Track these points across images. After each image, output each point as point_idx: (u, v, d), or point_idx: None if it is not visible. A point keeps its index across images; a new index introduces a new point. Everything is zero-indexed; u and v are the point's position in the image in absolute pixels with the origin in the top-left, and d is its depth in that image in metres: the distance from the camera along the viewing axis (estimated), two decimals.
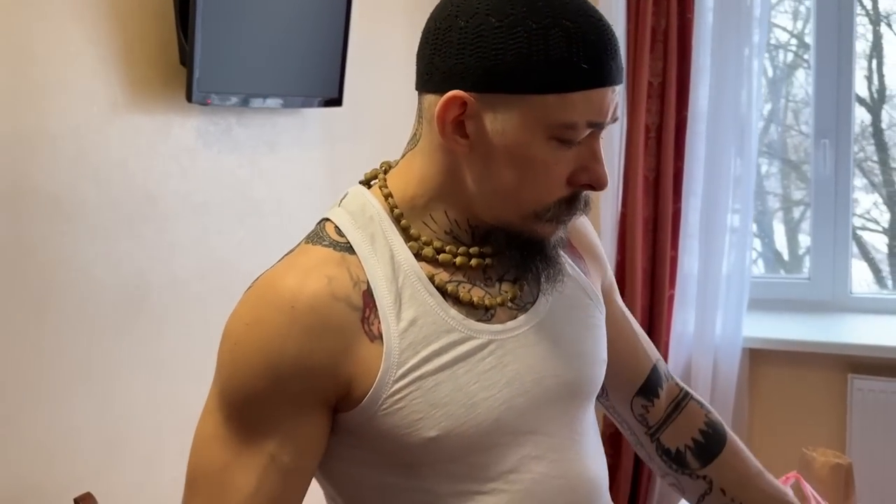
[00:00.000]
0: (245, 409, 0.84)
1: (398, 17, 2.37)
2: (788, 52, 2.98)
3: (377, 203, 0.92)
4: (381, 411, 0.84)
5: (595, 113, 0.83)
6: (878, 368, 2.43)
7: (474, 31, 0.81)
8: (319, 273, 0.85)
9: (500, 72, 0.81)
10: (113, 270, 1.55)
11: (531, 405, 0.90)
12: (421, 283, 0.88)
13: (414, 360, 0.85)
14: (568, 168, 0.85)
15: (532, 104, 0.81)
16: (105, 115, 1.53)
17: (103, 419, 1.54)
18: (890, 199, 2.79)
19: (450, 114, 0.84)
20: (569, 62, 0.80)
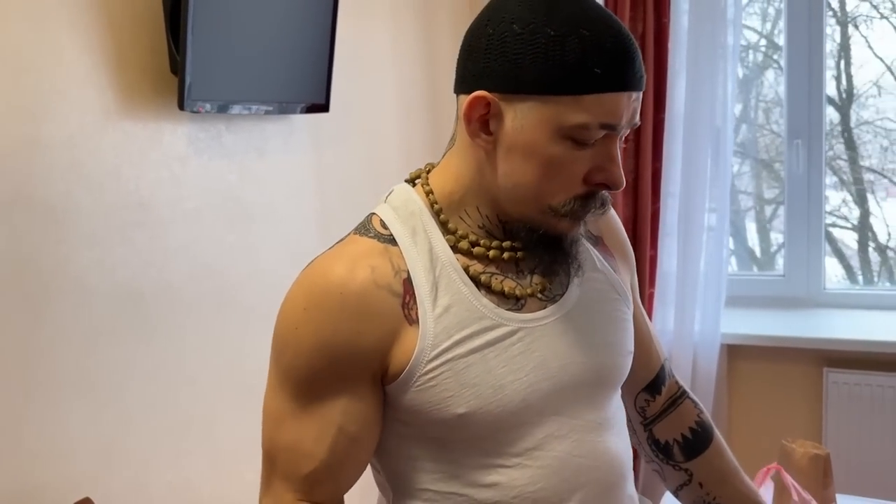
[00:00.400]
0: (309, 386, 0.93)
1: (384, 23, 2.40)
2: (758, 53, 3.05)
3: (419, 199, 0.99)
4: (415, 387, 0.92)
5: (607, 115, 0.88)
6: (851, 362, 2.50)
7: (500, 37, 0.88)
8: (364, 263, 0.93)
9: (520, 74, 0.88)
10: (107, 277, 1.56)
11: (556, 389, 0.97)
12: (456, 273, 0.95)
13: (447, 343, 0.92)
14: (584, 167, 0.91)
15: (548, 105, 0.88)
16: (98, 124, 1.54)
17: (99, 424, 1.55)
18: (859, 196, 2.87)
19: (475, 112, 0.91)
20: (582, 67, 0.86)
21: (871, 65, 2.79)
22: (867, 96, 2.82)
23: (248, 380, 1.89)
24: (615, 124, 0.89)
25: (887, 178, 2.84)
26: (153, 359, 1.65)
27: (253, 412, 1.91)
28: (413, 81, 2.55)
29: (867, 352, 2.46)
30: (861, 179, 2.85)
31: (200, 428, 1.76)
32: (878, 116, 2.81)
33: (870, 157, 2.85)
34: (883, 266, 2.89)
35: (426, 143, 2.62)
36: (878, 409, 2.44)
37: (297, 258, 2.04)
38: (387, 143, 2.44)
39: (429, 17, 2.61)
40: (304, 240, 2.09)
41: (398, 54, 2.46)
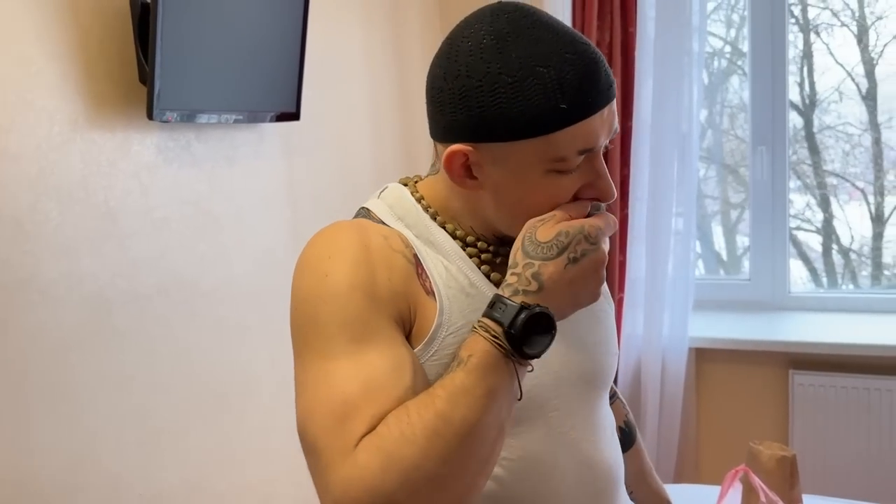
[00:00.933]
0: (359, 328, 0.87)
1: (355, 31, 2.40)
2: (723, 60, 3.09)
3: (411, 199, 0.99)
4: (432, 360, 0.91)
5: (583, 142, 0.88)
6: (817, 364, 2.54)
7: (459, 91, 0.88)
8: (375, 231, 0.93)
9: (487, 125, 0.87)
10: (75, 287, 1.55)
11: (557, 385, 0.98)
12: (464, 261, 0.96)
13: (460, 323, 0.92)
14: (574, 187, 0.92)
15: (522, 149, 0.88)
16: (66, 134, 1.53)
17: (69, 437, 1.53)
18: (822, 200, 2.92)
19: (455, 163, 0.91)
20: (546, 107, 0.85)
21: (833, 71, 2.84)
22: (829, 102, 2.87)
23: (219, 390, 1.88)
24: (593, 146, 0.89)
25: (849, 181, 2.90)
26: (123, 370, 1.64)
27: (225, 423, 1.91)
28: (384, 90, 2.55)
29: (832, 354, 2.50)
30: (825, 184, 2.91)
31: (171, 439, 1.75)
32: (840, 122, 2.87)
33: (833, 162, 2.90)
34: (847, 269, 2.94)
35: (397, 152, 2.63)
36: (842, 409, 2.49)
37: (268, 267, 2.05)
38: (358, 151, 2.44)
39: (399, 26, 2.61)
40: (276, 248, 2.09)
41: (369, 63, 2.47)
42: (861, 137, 2.84)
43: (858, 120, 2.83)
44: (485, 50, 0.86)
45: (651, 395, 2.66)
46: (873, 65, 2.77)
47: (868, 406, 2.46)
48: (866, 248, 2.90)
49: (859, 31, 2.79)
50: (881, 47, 2.76)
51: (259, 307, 2.01)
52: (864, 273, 2.91)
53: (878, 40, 2.76)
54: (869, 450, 2.47)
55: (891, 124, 2.79)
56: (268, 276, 2.05)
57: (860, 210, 2.89)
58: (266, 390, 2.02)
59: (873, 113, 2.79)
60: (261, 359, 2.01)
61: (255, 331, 1.99)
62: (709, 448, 2.73)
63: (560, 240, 0.88)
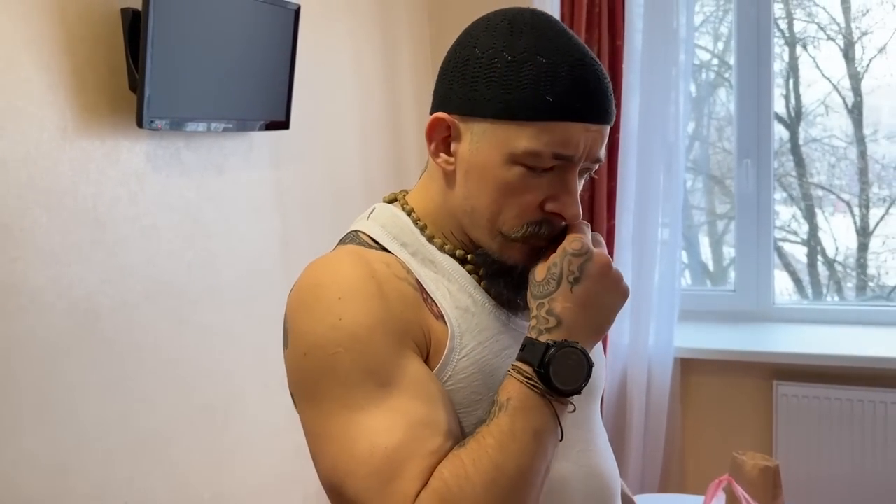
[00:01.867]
0: (385, 372, 0.84)
1: (345, 41, 2.41)
2: (710, 72, 3.12)
3: (404, 216, 0.99)
4: (447, 385, 0.90)
5: (559, 145, 0.88)
6: (800, 374, 2.56)
7: (463, 61, 0.91)
8: (376, 259, 0.92)
9: (476, 98, 0.89)
10: (63, 295, 1.55)
11: None
12: (465, 279, 0.96)
13: (472, 344, 0.92)
14: (540, 194, 0.91)
15: (501, 129, 0.89)
16: (55, 141, 1.53)
17: (54, 444, 1.53)
18: (808, 212, 2.95)
19: (437, 133, 0.93)
20: (533, 93, 0.87)
21: (819, 84, 2.87)
22: (815, 115, 2.90)
23: (206, 398, 1.89)
24: (569, 155, 0.89)
25: (835, 193, 2.93)
26: (109, 377, 1.64)
27: (211, 431, 1.92)
28: (373, 99, 2.56)
29: (816, 365, 2.52)
30: (810, 196, 2.93)
31: (158, 446, 1.75)
32: (826, 134, 2.90)
33: (818, 174, 2.93)
34: (832, 280, 2.97)
35: (387, 161, 2.64)
36: (826, 420, 2.51)
37: (256, 275, 2.05)
38: (347, 160, 2.45)
39: (389, 36, 2.63)
40: (264, 257, 2.10)
41: (359, 72, 2.48)
42: (846, 150, 2.87)
43: (844, 133, 2.86)
44: (498, 30, 0.90)
45: (636, 404, 2.68)
46: (859, 79, 2.80)
47: (851, 417, 2.48)
48: (851, 260, 2.93)
49: (846, 45, 2.82)
50: (867, 61, 2.79)
51: (247, 316, 2.01)
52: (850, 285, 2.93)
53: (864, 54, 2.80)
54: (852, 460, 2.48)
55: (875, 137, 2.82)
56: (256, 284, 2.05)
57: (845, 222, 2.92)
58: (252, 399, 2.02)
59: (859, 126, 2.82)
60: (247, 367, 2.01)
61: (242, 339, 2.00)
62: (693, 458, 2.75)
63: (553, 271, 0.89)
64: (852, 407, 2.48)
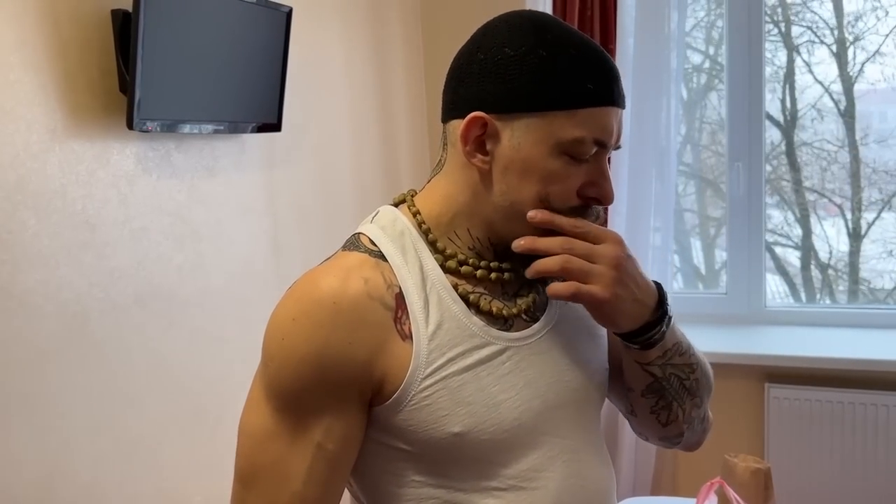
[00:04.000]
0: (293, 400, 0.90)
1: (337, 43, 2.41)
2: (703, 75, 3.13)
3: (406, 219, 0.99)
4: (409, 406, 0.91)
5: (600, 130, 0.92)
6: (792, 377, 2.57)
7: (493, 61, 0.92)
8: (357, 274, 0.92)
9: (515, 94, 0.91)
10: (52, 297, 1.54)
11: (547, 408, 0.98)
12: (446, 291, 0.96)
13: (441, 361, 0.92)
14: (578, 182, 0.94)
15: (544, 121, 0.91)
16: (44, 143, 1.53)
17: (43, 447, 1.52)
18: (802, 215, 2.95)
19: (472, 132, 0.93)
20: (576, 83, 0.91)
21: (813, 88, 2.88)
22: (809, 119, 2.91)
23: (196, 402, 1.88)
24: (607, 141, 0.93)
25: (827, 197, 2.93)
26: (99, 381, 1.63)
27: (201, 435, 1.91)
28: (366, 102, 2.56)
29: (807, 367, 2.52)
30: (803, 199, 2.94)
31: (147, 451, 1.74)
32: (817, 138, 2.91)
33: (810, 178, 2.94)
34: (824, 284, 2.97)
35: (379, 163, 2.63)
36: (817, 423, 2.51)
37: (247, 278, 2.05)
38: (340, 163, 2.45)
39: (381, 38, 2.63)
40: (255, 260, 2.09)
41: (351, 74, 2.48)
42: (838, 154, 2.87)
43: (835, 137, 2.87)
44: (523, 29, 0.93)
45: None
46: (851, 83, 2.81)
47: (843, 419, 2.49)
48: (841, 264, 2.93)
49: (838, 49, 2.83)
50: (860, 65, 2.80)
51: (237, 318, 2.00)
52: (842, 288, 2.94)
53: (856, 58, 2.80)
54: (843, 463, 2.49)
55: (866, 141, 2.82)
56: (247, 287, 2.05)
57: (837, 226, 2.92)
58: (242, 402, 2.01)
59: (851, 130, 2.83)
60: (238, 370, 2.00)
61: (232, 342, 1.99)
62: (685, 460, 2.74)
63: None
64: (843, 409, 2.48)
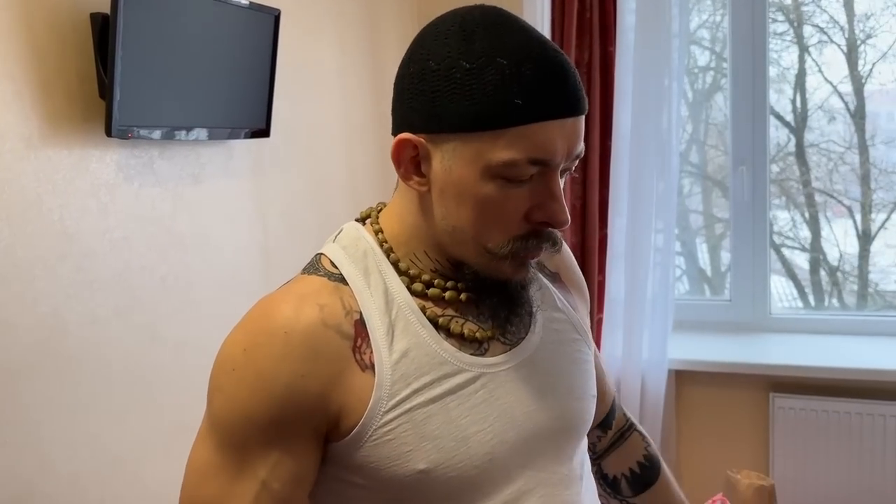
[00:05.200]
0: (239, 435, 0.84)
1: (326, 47, 2.36)
2: (708, 75, 3.07)
3: (369, 238, 0.93)
4: (370, 442, 0.85)
5: (536, 149, 0.81)
6: (797, 387, 2.51)
7: (419, 75, 0.84)
8: (312, 301, 0.86)
9: (439, 113, 0.82)
10: (27, 312, 1.49)
11: (522, 440, 0.91)
12: (414, 315, 0.89)
13: (405, 392, 0.85)
14: (523, 205, 0.85)
15: (471, 143, 0.82)
16: (19, 151, 1.48)
17: (19, 466, 1.47)
18: (811, 217, 2.89)
19: (404, 155, 0.87)
20: (500, 98, 0.80)
21: (823, 89, 2.83)
22: (820, 119, 2.85)
23: (179, 418, 1.83)
24: (547, 159, 0.82)
25: (835, 198, 2.87)
26: (77, 397, 1.58)
27: (185, 452, 1.84)
28: (358, 107, 2.51)
29: (813, 377, 2.47)
30: (813, 201, 2.88)
31: (128, 470, 1.69)
32: (824, 139, 2.85)
33: (818, 180, 2.88)
34: (833, 287, 2.91)
35: (371, 171, 2.58)
36: (823, 433, 2.46)
37: (234, 289, 1.99)
38: (331, 169, 2.39)
39: (375, 42, 2.57)
40: (243, 270, 2.04)
41: (342, 79, 2.42)
42: (845, 155, 2.82)
43: (842, 137, 2.81)
44: (450, 36, 0.83)
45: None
46: (862, 83, 2.75)
47: (850, 430, 2.43)
48: (848, 266, 2.87)
49: (849, 49, 2.77)
50: (870, 65, 2.74)
51: (223, 331, 1.93)
52: (851, 290, 2.88)
53: (866, 58, 2.74)
54: (850, 475, 2.43)
55: (874, 142, 2.76)
56: (234, 298, 1.99)
57: (845, 227, 2.87)
58: None
59: (861, 131, 2.77)
60: None
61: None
62: (688, 472, 2.69)
63: None
64: (850, 420, 2.43)
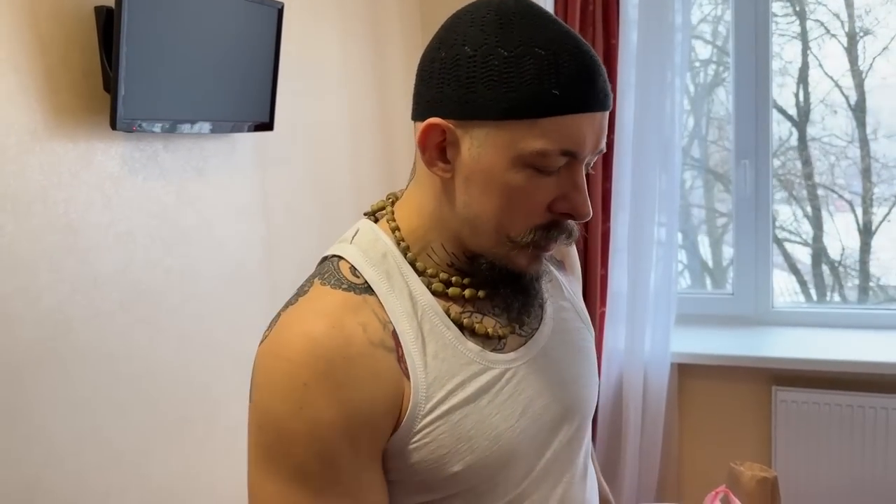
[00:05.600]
0: (334, 474, 0.81)
1: (330, 39, 2.35)
2: (710, 69, 3.06)
3: (387, 239, 0.92)
4: (410, 445, 0.85)
5: (568, 141, 0.82)
6: (799, 380, 2.52)
7: (452, 60, 0.83)
8: (353, 321, 0.84)
9: (473, 99, 0.82)
10: (32, 305, 1.49)
11: (541, 431, 0.93)
12: (438, 317, 0.89)
13: (440, 394, 0.86)
14: (549, 195, 0.85)
15: (505, 130, 0.82)
16: (24, 145, 1.47)
17: (23, 460, 1.47)
18: (813, 212, 2.89)
19: (431, 140, 0.86)
20: (538, 88, 0.80)
21: (824, 83, 2.82)
22: (822, 114, 2.85)
23: (184, 411, 1.83)
24: (577, 151, 0.83)
25: (837, 193, 2.87)
26: (82, 390, 1.58)
27: (190, 444, 1.86)
28: (362, 100, 2.50)
29: (815, 370, 2.47)
30: (815, 195, 2.88)
31: (132, 463, 1.69)
32: (826, 133, 2.84)
33: (821, 174, 2.88)
34: (835, 281, 2.91)
35: (375, 164, 2.58)
36: (825, 426, 2.46)
37: (238, 282, 1.99)
38: (334, 163, 2.39)
39: (379, 35, 2.57)
40: (247, 263, 2.04)
41: (346, 72, 2.42)
42: (847, 149, 2.81)
43: (844, 132, 2.81)
44: (486, 24, 0.82)
45: (633, 410, 2.62)
46: (862, 77, 2.74)
47: (852, 423, 2.43)
48: (851, 261, 2.87)
49: (849, 43, 2.76)
50: (871, 59, 2.73)
51: (228, 325, 1.95)
52: (851, 285, 2.88)
53: (866, 52, 2.74)
54: (852, 468, 2.44)
55: (876, 136, 2.76)
56: (238, 292, 1.99)
57: (847, 222, 2.87)
58: (232, 412, 1.96)
59: (862, 125, 2.77)
60: (228, 378, 1.95)
61: (223, 349, 1.94)
62: (691, 465, 2.69)
63: None
64: (853, 413, 2.43)
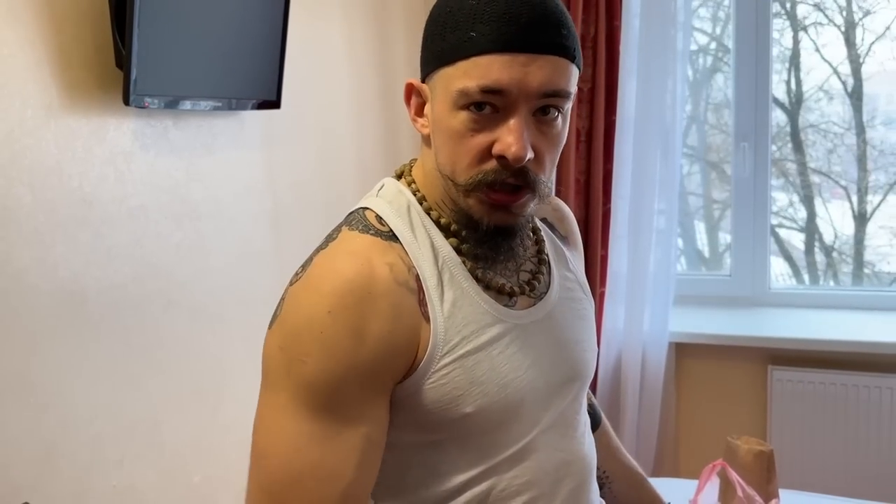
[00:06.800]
0: (336, 398, 0.86)
1: (337, 18, 2.38)
2: (709, 56, 3.09)
3: (408, 192, 0.98)
4: (426, 385, 0.90)
5: (485, 79, 0.85)
6: (795, 360, 2.56)
7: (426, 27, 0.93)
8: (380, 260, 0.90)
9: (427, 56, 0.92)
10: (48, 276, 1.52)
11: (547, 386, 0.99)
12: (458, 268, 0.95)
13: (457, 339, 0.91)
14: (487, 138, 0.88)
15: (443, 77, 0.90)
16: (40, 119, 1.50)
17: (40, 428, 1.51)
18: (806, 198, 2.93)
19: (411, 100, 0.96)
20: (462, 34, 0.87)
21: (820, 69, 2.85)
22: (816, 100, 2.88)
23: (195, 381, 1.87)
24: (497, 88, 0.85)
25: (833, 179, 2.90)
26: (96, 361, 1.62)
27: (200, 414, 1.89)
28: (367, 77, 2.53)
29: (810, 350, 2.51)
30: (809, 181, 2.91)
31: (145, 431, 1.73)
32: (823, 120, 2.87)
33: (816, 160, 2.91)
34: (829, 267, 2.95)
35: (380, 140, 2.61)
36: (820, 405, 2.50)
37: (246, 256, 2.03)
38: (340, 140, 2.42)
39: (383, 13, 2.59)
40: (255, 238, 2.07)
41: (352, 50, 2.44)
42: (844, 136, 2.84)
43: (841, 118, 2.84)
44: None
45: (631, 389, 2.66)
46: (860, 63, 2.77)
47: (846, 402, 2.47)
48: (846, 247, 2.91)
49: (846, 29, 2.79)
50: (868, 46, 2.76)
51: (237, 297, 1.99)
52: (846, 270, 2.92)
53: (864, 38, 2.76)
54: (846, 445, 2.48)
55: (873, 123, 2.79)
56: (246, 265, 2.03)
57: (842, 208, 2.90)
58: (242, 382, 2.00)
59: (858, 112, 2.80)
60: (237, 350, 1.99)
61: (232, 321, 1.97)
62: (688, 442, 2.74)
63: None
64: (847, 392, 2.47)
